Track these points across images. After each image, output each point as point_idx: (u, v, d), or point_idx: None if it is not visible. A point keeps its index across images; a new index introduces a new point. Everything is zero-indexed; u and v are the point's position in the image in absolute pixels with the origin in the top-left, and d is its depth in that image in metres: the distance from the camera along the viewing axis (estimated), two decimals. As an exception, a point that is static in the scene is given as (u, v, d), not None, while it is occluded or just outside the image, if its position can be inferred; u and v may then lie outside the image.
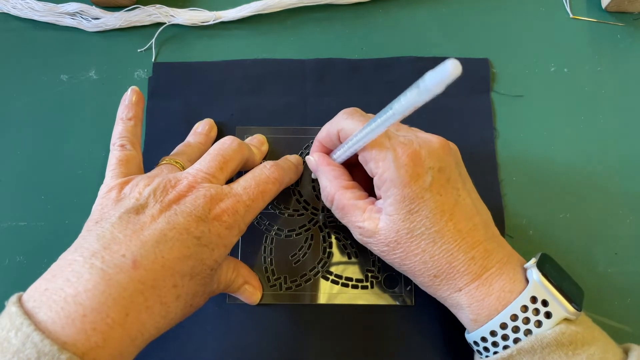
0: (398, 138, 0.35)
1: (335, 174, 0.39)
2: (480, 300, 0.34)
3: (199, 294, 0.34)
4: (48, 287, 0.29)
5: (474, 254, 0.34)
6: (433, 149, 0.35)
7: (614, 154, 0.47)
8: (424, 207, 0.34)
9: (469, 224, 0.35)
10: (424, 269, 0.35)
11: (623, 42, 0.51)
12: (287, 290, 0.43)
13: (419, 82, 0.28)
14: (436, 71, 0.26)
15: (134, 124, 0.40)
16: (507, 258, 0.35)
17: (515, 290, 0.34)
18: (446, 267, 0.35)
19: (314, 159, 0.41)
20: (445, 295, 0.36)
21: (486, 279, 0.34)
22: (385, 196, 0.35)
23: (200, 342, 0.42)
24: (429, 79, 0.27)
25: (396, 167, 0.34)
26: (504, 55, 0.51)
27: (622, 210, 0.46)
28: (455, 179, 0.36)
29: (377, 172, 0.35)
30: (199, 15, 0.52)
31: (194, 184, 0.35)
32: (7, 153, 0.49)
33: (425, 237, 0.34)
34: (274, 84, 0.50)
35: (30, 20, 0.53)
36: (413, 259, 0.35)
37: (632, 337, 0.35)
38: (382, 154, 0.35)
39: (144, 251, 0.31)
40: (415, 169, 0.34)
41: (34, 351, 0.26)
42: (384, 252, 0.37)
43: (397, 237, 0.35)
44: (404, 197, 0.34)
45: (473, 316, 0.34)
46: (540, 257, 0.35)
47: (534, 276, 0.33)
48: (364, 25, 0.52)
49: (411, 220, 0.34)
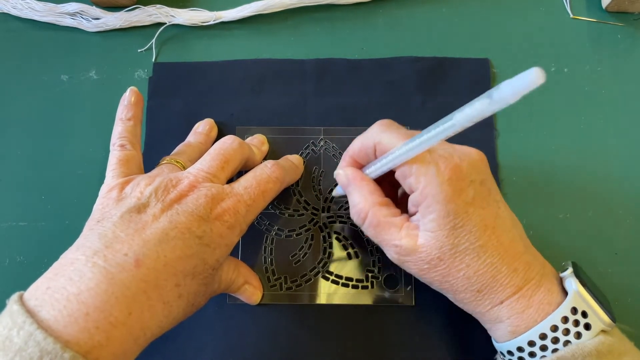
0: (438, 152, 0.34)
1: (370, 189, 0.37)
2: (520, 312, 0.33)
3: (201, 293, 0.34)
4: (50, 286, 0.29)
5: (516, 266, 0.34)
6: (473, 161, 0.34)
7: (614, 154, 0.47)
8: (468, 221, 0.33)
9: (509, 235, 0.34)
10: (467, 285, 0.34)
11: (623, 42, 0.51)
12: (287, 290, 0.43)
13: (492, 91, 0.26)
14: (517, 80, 0.24)
15: (134, 124, 0.40)
16: (543, 269, 0.35)
17: (554, 301, 0.33)
18: (490, 281, 0.34)
19: (346, 174, 0.39)
20: (485, 310, 0.35)
21: (527, 291, 0.34)
22: (426, 212, 0.34)
23: (200, 342, 0.42)
24: (506, 87, 0.25)
25: (440, 182, 0.33)
26: (504, 55, 0.51)
27: (622, 210, 0.46)
28: (495, 191, 0.35)
29: (418, 187, 0.34)
30: (199, 15, 0.52)
31: (195, 183, 0.35)
32: (7, 153, 0.48)
33: (470, 252, 0.33)
34: (274, 84, 0.50)
35: (30, 20, 0.53)
36: (456, 275, 0.34)
37: (632, 337, 0.35)
38: (424, 168, 0.33)
39: (146, 250, 0.31)
40: (459, 183, 0.33)
41: (36, 350, 0.26)
42: (423, 270, 0.35)
43: (439, 254, 0.34)
44: (448, 212, 0.33)
45: (512, 328, 0.34)
46: (573, 265, 0.35)
47: (573, 287, 0.33)
48: (364, 25, 0.52)
49: (455, 236, 0.33)
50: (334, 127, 0.48)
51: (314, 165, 0.47)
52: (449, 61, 0.50)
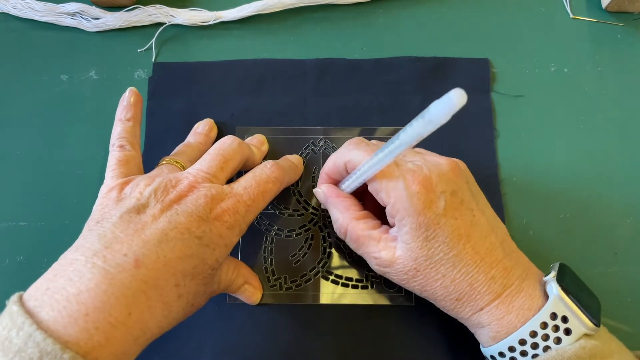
0: (406, 165, 0.35)
1: (345, 204, 0.39)
2: (500, 319, 0.34)
3: (200, 293, 0.34)
4: (49, 287, 0.29)
5: (493, 274, 0.34)
6: (443, 172, 0.35)
7: (614, 154, 0.47)
8: (440, 232, 0.34)
9: (486, 243, 0.35)
10: (445, 294, 0.35)
11: (623, 42, 0.51)
12: (287, 291, 0.43)
13: (424, 112, 0.27)
14: (441, 101, 0.26)
15: (133, 124, 0.40)
16: (525, 274, 0.35)
17: (534, 306, 0.33)
18: (467, 290, 0.34)
19: (322, 191, 0.41)
20: (467, 317, 0.35)
21: (506, 297, 0.34)
22: (400, 225, 0.35)
23: (200, 342, 0.42)
24: (434, 109, 0.26)
25: (408, 195, 0.33)
26: (504, 55, 0.51)
27: (622, 210, 0.46)
28: (468, 200, 0.35)
29: (390, 201, 0.35)
30: (199, 15, 0.52)
31: (195, 183, 0.35)
32: (7, 153, 0.48)
33: (445, 262, 0.34)
34: (274, 84, 0.50)
35: (30, 20, 0.53)
36: (434, 285, 0.35)
37: (632, 337, 0.35)
38: (392, 183, 0.34)
39: (146, 250, 0.31)
40: (428, 196, 0.34)
41: (36, 350, 0.26)
42: (403, 280, 0.36)
43: (415, 265, 0.35)
44: (419, 224, 0.34)
45: (492, 333, 0.34)
46: (559, 268, 0.35)
47: (554, 291, 0.33)
48: (364, 25, 0.52)
49: (429, 247, 0.34)
50: (334, 127, 0.48)
51: (314, 165, 0.47)
52: (449, 61, 0.50)
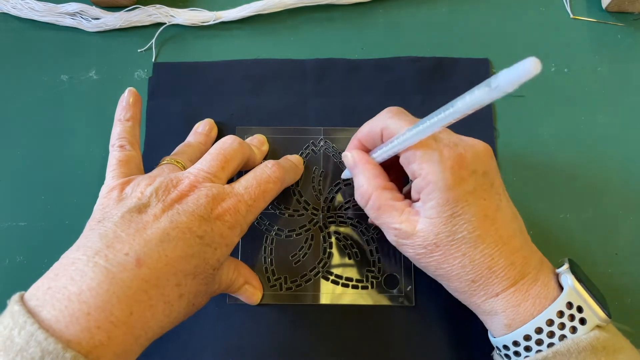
0: (443, 140, 0.34)
1: (374, 172, 0.38)
2: (516, 306, 0.34)
3: (201, 293, 0.34)
4: (51, 286, 0.29)
5: (513, 260, 0.34)
6: (478, 152, 0.34)
7: (614, 154, 0.47)
8: (467, 210, 0.33)
9: (509, 229, 0.35)
10: (462, 273, 0.35)
11: (623, 42, 0.51)
12: (287, 291, 0.43)
13: (490, 79, 0.27)
14: (513, 69, 0.25)
15: (132, 124, 0.40)
16: (540, 264, 0.35)
17: (550, 296, 0.33)
18: (486, 272, 0.34)
19: (353, 156, 0.39)
20: (480, 302, 0.35)
21: (523, 285, 0.34)
22: (427, 199, 0.34)
23: (200, 342, 0.42)
24: (503, 77, 0.26)
25: (442, 169, 0.33)
26: (504, 55, 0.51)
27: (622, 210, 0.46)
28: (498, 184, 0.35)
29: (421, 173, 0.34)
30: (199, 15, 0.52)
31: (196, 183, 0.35)
32: (7, 153, 0.48)
33: (467, 241, 0.34)
34: (274, 84, 0.50)
35: (30, 20, 0.53)
36: (452, 262, 0.34)
37: (632, 337, 0.35)
38: (427, 154, 0.34)
39: (148, 250, 0.31)
40: (460, 172, 0.33)
41: (37, 350, 0.26)
42: (419, 254, 0.36)
43: (436, 240, 0.34)
44: (447, 200, 0.33)
45: (507, 321, 0.34)
46: (570, 262, 0.35)
47: (569, 282, 0.33)
48: (364, 25, 0.52)
49: (453, 224, 0.34)
50: (334, 127, 0.48)
51: (314, 165, 0.47)
52: (448, 61, 0.50)
